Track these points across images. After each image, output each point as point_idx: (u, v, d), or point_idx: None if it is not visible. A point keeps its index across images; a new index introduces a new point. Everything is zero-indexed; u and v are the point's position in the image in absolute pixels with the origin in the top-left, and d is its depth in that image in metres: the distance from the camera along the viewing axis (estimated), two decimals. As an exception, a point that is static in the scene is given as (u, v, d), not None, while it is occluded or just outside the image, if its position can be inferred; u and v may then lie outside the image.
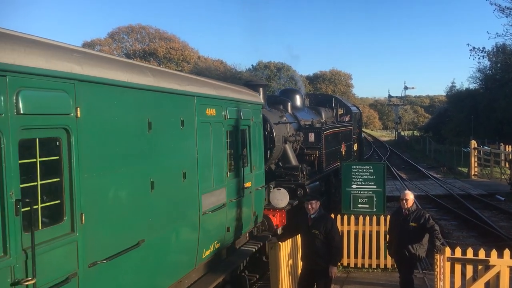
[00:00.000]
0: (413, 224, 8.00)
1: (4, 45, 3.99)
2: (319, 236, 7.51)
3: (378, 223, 10.96)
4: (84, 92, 4.86)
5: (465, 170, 31.46)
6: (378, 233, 10.93)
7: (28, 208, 4.07)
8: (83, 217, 4.81)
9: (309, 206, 7.68)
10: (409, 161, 42.33)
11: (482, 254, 8.01)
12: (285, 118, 14.80)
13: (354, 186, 12.10)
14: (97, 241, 5.04)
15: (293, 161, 14.46)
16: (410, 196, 8.27)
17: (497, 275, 7.84)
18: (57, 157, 4.59)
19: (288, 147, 14.44)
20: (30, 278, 4.08)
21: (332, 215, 10.09)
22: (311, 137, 16.14)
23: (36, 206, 4.27)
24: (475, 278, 8.05)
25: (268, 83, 17.04)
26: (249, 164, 10.09)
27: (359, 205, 12.00)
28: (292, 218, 11.87)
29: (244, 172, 9.72)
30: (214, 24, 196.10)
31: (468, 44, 64.01)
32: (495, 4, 39.23)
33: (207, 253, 8.06)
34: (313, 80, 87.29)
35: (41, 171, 4.38)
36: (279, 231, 11.71)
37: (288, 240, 8.70)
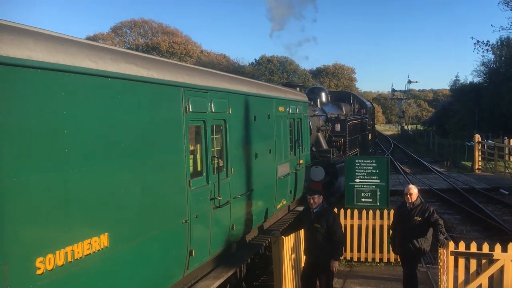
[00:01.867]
0: (418, 218, 7.98)
1: (206, 77, 7.80)
2: (321, 230, 7.51)
3: (381, 217, 10.93)
4: (231, 98, 8.51)
5: (469, 164, 31.37)
6: (381, 227, 10.91)
7: (215, 161, 7.71)
8: (232, 169, 8.43)
9: (312, 201, 7.68)
10: (413, 155, 42.28)
11: (486, 248, 7.98)
12: (317, 112, 18.48)
13: (357, 180, 12.09)
14: (236, 185, 8.61)
15: (324, 146, 18.49)
16: (414, 190, 8.24)
17: (501, 269, 7.82)
18: (220, 135, 8.20)
19: (320, 135, 18.54)
20: (219, 196, 7.73)
21: (335, 210, 10.12)
22: (337, 127, 20.58)
23: (216, 162, 7.82)
24: (478, 272, 8.02)
25: (302, 83, 22.25)
26: (301, 147, 13.55)
27: (363, 199, 11.99)
28: (326, 188, 15.62)
29: (299, 152, 13.25)
30: (217, 18, 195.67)
31: (472, 38, 63.84)
32: (499, -4, 38.99)
33: (279, 206, 11.63)
34: (317, 74, 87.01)
35: (216, 143, 8.04)
36: None
37: (292, 234, 8.70)
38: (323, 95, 22.09)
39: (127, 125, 5.51)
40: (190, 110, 6.91)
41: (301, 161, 13.41)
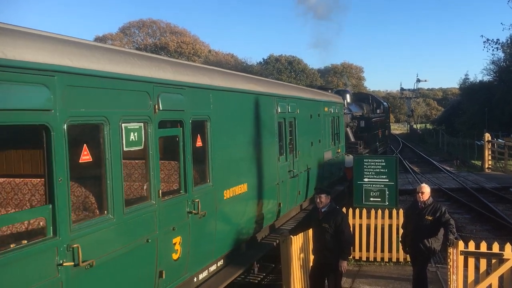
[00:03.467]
0: (429, 218, 7.92)
1: (286, 88, 12.29)
2: (329, 230, 7.49)
3: (390, 217, 10.88)
4: (299, 103, 12.34)
5: (478, 163, 31.14)
6: (390, 226, 10.86)
7: (291, 146, 11.64)
8: (299, 152, 12.10)
9: (318, 200, 7.64)
10: (422, 154, 42.04)
11: (496, 248, 7.92)
12: (345, 111, 21.55)
13: (366, 180, 12.06)
14: (301, 163, 12.38)
15: (352, 139, 22.54)
16: (426, 189, 8.17)
17: (511, 269, 7.76)
18: (291, 128, 11.61)
19: (349, 130, 22.49)
20: (294, 169, 11.71)
21: (344, 209, 10.09)
22: (362, 123, 25.45)
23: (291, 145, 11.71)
24: (488, 272, 7.97)
25: (333, 87, 30.26)
26: (339, 139, 17.49)
27: (371, 199, 11.95)
28: None
29: (337, 143, 17.22)
30: (225, 17, 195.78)
31: (482, 36, 63.24)
32: (509, -6, 38.55)
33: (325, 183, 14.79)
34: (324, 73, 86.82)
35: (290, 134, 11.54)
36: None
37: (300, 233, 8.68)
38: (348, 96, 25.80)
39: (253, 121, 9.54)
40: (278, 111, 10.89)
41: (338, 150, 17.49)
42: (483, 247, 8.00)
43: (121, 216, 5.44)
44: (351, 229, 10.81)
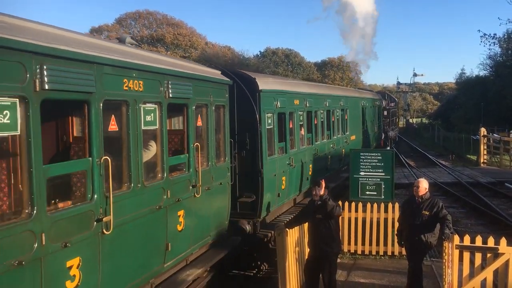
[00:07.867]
0: (426, 213, 7.90)
1: (364, 94, 28.99)
2: (324, 221, 7.50)
3: (386, 210, 10.89)
4: (366, 100, 26.55)
5: (474, 157, 31.25)
6: (386, 220, 10.87)
7: (364, 121, 25.16)
8: (367, 125, 25.93)
9: (314, 192, 7.65)
10: (418, 149, 42.17)
11: (491, 242, 7.94)
12: None
13: (362, 173, 12.06)
14: (368, 130, 26.55)
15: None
16: (423, 184, 8.15)
17: (506, 263, 7.79)
18: (365, 113, 25.64)
19: None
20: (368, 132, 26.29)
21: (340, 203, 10.09)
22: (385, 113, 35.50)
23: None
24: (483, 266, 8.00)
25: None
26: (380, 121, 31.87)
27: (367, 192, 11.97)
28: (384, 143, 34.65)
29: (379, 123, 31.30)
30: (222, 9, 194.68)
31: (479, 31, 63.17)
32: (507, -11, 38.47)
33: (375, 144, 28.74)
34: (321, 66, 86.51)
35: (363, 116, 25.08)
36: None
37: (296, 227, 8.68)
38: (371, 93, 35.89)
39: (355, 109, 21.98)
40: (362, 105, 23.90)
41: (376, 129, 29.04)
42: (478, 241, 8.02)
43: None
44: (347, 222, 10.88)
